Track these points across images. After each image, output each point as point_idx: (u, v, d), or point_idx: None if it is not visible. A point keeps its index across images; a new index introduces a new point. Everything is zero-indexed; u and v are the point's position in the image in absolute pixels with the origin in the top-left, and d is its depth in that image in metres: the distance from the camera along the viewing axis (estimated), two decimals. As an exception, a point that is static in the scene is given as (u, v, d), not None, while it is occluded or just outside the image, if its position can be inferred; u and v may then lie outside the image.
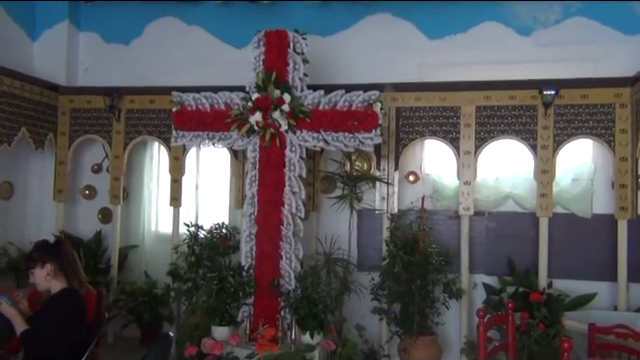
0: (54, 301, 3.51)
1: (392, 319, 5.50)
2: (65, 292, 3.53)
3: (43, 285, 3.56)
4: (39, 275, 3.55)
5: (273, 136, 4.61)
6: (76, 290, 3.59)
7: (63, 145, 6.38)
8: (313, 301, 4.46)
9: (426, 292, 5.39)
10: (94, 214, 6.75)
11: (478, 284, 5.75)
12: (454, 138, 5.64)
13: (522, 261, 5.69)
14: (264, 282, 4.66)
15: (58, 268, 3.60)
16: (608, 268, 5.47)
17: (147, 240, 6.71)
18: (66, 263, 3.68)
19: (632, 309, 5.30)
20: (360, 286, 5.71)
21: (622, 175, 5.30)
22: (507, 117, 5.53)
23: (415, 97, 5.71)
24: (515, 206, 5.88)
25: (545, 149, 5.42)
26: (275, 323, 4.57)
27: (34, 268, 3.57)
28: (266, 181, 4.71)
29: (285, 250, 4.69)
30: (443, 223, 5.96)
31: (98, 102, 6.23)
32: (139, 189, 6.73)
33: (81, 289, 3.70)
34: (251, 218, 4.78)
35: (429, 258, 5.33)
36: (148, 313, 6.07)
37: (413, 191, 6.00)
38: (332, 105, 4.60)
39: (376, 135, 4.55)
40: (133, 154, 6.49)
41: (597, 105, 5.34)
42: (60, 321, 3.42)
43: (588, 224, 5.67)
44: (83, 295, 3.68)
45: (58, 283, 3.55)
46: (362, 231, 6.08)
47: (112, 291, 6.26)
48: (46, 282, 3.54)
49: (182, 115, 4.87)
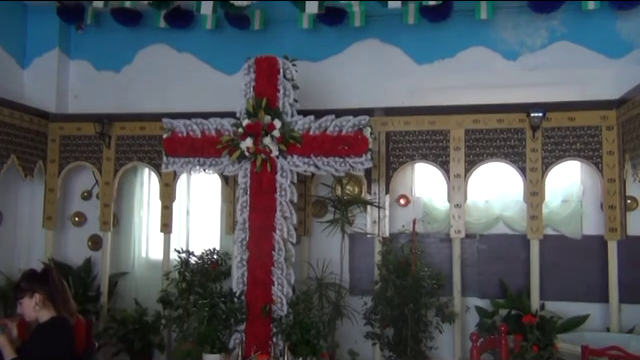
0: (43, 330, 3.47)
1: (385, 344, 5.47)
2: (54, 321, 3.49)
3: (32, 315, 3.52)
4: (28, 305, 3.51)
5: (264, 162, 4.63)
6: (65, 318, 3.54)
7: (53, 172, 6.35)
8: (305, 327, 4.44)
9: (419, 316, 5.37)
10: (84, 241, 6.69)
11: (471, 307, 5.73)
12: (444, 161, 5.68)
13: (514, 283, 5.69)
14: (256, 308, 4.63)
15: (47, 297, 3.57)
16: (600, 289, 5.47)
17: (137, 267, 6.65)
18: (55, 292, 3.64)
19: (624, 330, 5.30)
20: (353, 310, 5.68)
21: (610, 196, 5.36)
22: (496, 140, 5.58)
23: (405, 121, 5.77)
24: (506, 228, 5.90)
25: (534, 171, 5.47)
26: (267, 350, 4.53)
27: (22, 298, 3.53)
28: (257, 207, 4.71)
29: (277, 276, 4.67)
30: (434, 246, 5.96)
31: (88, 129, 6.22)
32: (129, 215, 6.69)
33: (71, 318, 3.66)
34: (242, 244, 4.77)
35: (421, 281, 5.33)
36: (139, 341, 5.96)
37: (404, 214, 6.01)
38: (322, 130, 4.63)
39: (367, 159, 4.58)
40: (123, 180, 6.47)
41: (584, 127, 5.41)
42: (49, 350, 3.37)
43: (578, 245, 5.69)
44: (73, 324, 3.64)
45: (47, 312, 3.51)
46: (354, 255, 6.07)
47: (102, 319, 6.18)
48: (35, 312, 3.51)
49: (173, 141, 4.88)
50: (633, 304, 5.41)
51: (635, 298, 5.41)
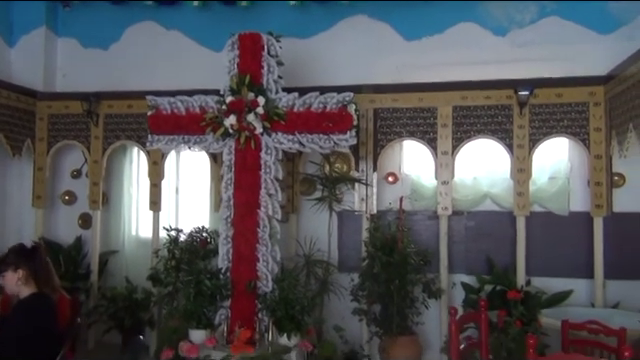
0: (23, 306, 3.50)
1: (372, 320, 5.52)
2: (34, 297, 3.51)
3: (13, 289, 3.54)
4: (10, 279, 3.53)
5: (248, 139, 4.61)
6: (46, 295, 3.57)
7: (41, 151, 6.35)
8: (290, 303, 4.47)
9: (405, 292, 5.40)
10: (74, 220, 6.72)
11: (457, 283, 5.77)
12: (431, 138, 5.67)
13: (501, 260, 5.72)
14: (241, 285, 4.66)
15: (30, 274, 3.59)
16: (585, 265, 5.51)
17: (127, 245, 6.69)
18: (39, 270, 3.66)
19: (609, 305, 5.34)
20: (340, 287, 5.72)
21: (597, 173, 5.36)
22: (483, 117, 5.57)
23: (393, 98, 5.75)
24: (493, 205, 5.91)
25: (521, 148, 5.47)
26: (252, 325, 4.56)
27: (6, 271, 3.55)
28: (242, 184, 4.71)
29: (262, 252, 4.69)
30: (422, 223, 5.98)
31: (76, 107, 6.21)
32: (119, 194, 6.71)
33: (54, 294, 3.68)
34: (227, 221, 4.78)
35: (408, 258, 5.36)
36: (129, 318, 6.02)
37: (392, 192, 6.02)
38: (307, 107, 4.61)
39: (351, 136, 4.57)
40: (112, 159, 6.48)
41: (571, 104, 5.40)
42: (28, 326, 3.40)
43: (565, 222, 5.71)
44: (55, 300, 3.67)
45: (28, 289, 3.54)
46: (342, 232, 6.10)
47: (92, 297, 6.23)
48: (16, 287, 3.53)
49: (157, 119, 4.87)
50: (618, 280, 5.45)
51: (620, 274, 5.44)
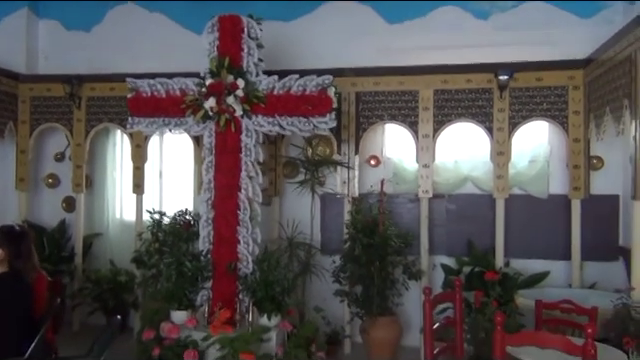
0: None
1: (353, 301, 5.60)
2: (5, 275, 3.53)
3: None
4: None
5: (228, 121, 4.62)
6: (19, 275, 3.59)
7: (24, 134, 6.33)
8: (270, 284, 4.52)
9: (386, 274, 5.48)
10: (58, 203, 6.73)
11: (437, 265, 5.85)
12: (413, 122, 5.71)
13: (481, 242, 5.80)
14: (222, 266, 4.69)
15: (9, 257, 3.61)
16: (563, 247, 5.60)
17: (111, 228, 6.72)
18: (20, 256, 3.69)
19: (586, 286, 5.44)
20: (322, 269, 5.80)
21: (575, 156, 5.43)
22: (464, 100, 5.61)
23: (374, 82, 5.77)
24: (474, 188, 5.98)
25: (501, 131, 5.52)
26: (233, 306, 4.61)
27: None
28: (222, 166, 4.73)
29: (242, 234, 4.72)
30: (403, 206, 6.04)
31: (58, 90, 6.19)
32: (102, 177, 6.72)
33: (32, 273, 3.71)
34: (208, 203, 4.80)
35: (389, 240, 5.43)
36: (113, 300, 6.08)
37: (375, 175, 6.07)
38: (286, 90, 4.61)
39: (330, 119, 4.58)
40: (95, 142, 6.48)
41: (551, 87, 5.44)
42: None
43: (544, 204, 5.79)
44: (33, 280, 3.71)
45: (1, 268, 3.56)
46: (325, 215, 6.15)
47: (77, 279, 6.27)
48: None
49: (137, 101, 4.86)
50: (595, 261, 5.56)
51: (597, 255, 5.54)
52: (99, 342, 3.27)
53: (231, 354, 4.07)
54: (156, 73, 5.29)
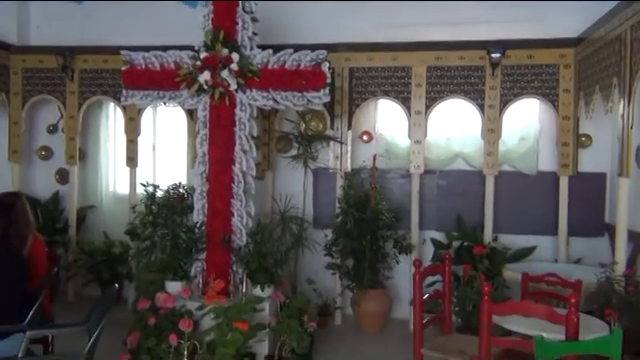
0: None
1: (344, 274, 5.71)
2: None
3: None
4: None
5: (222, 95, 4.65)
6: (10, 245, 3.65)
7: (16, 105, 6.32)
8: (263, 256, 4.61)
9: (377, 247, 5.58)
10: (51, 175, 6.74)
11: (427, 240, 5.96)
12: (405, 98, 5.76)
13: (471, 217, 5.90)
14: (216, 238, 4.77)
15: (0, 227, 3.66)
16: (551, 223, 5.72)
17: (105, 200, 6.75)
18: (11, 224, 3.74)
19: (571, 261, 5.58)
20: (314, 243, 5.89)
21: (565, 133, 5.51)
22: (457, 77, 5.66)
23: (368, 57, 5.80)
24: (464, 165, 6.07)
25: (492, 108, 5.59)
26: (227, 277, 4.70)
27: None
28: (216, 140, 4.77)
29: (236, 207, 4.79)
30: (395, 181, 6.13)
31: (51, 62, 6.17)
32: (95, 150, 6.73)
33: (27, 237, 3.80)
34: (203, 176, 4.86)
35: (380, 215, 5.52)
36: (107, 271, 6.15)
37: (367, 150, 6.13)
38: (281, 64, 4.64)
39: (324, 94, 4.62)
40: (88, 114, 6.48)
41: (542, 65, 5.51)
42: None
43: (533, 181, 5.89)
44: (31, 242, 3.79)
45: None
46: (317, 190, 6.22)
47: (71, 251, 6.33)
48: None
49: (132, 74, 4.87)
50: (581, 237, 5.69)
51: (583, 231, 5.67)
52: (97, 310, 3.33)
53: (225, 323, 4.17)
54: (150, 46, 5.28)
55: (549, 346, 2.52)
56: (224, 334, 4.15)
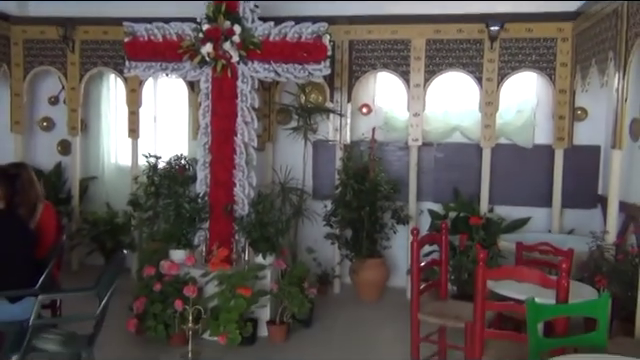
0: None
1: (343, 243, 5.85)
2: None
3: None
4: None
5: (224, 67, 4.72)
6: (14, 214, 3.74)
7: (18, 76, 6.35)
8: (265, 225, 4.73)
9: (375, 218, 5.71)
10: (53, 146, 6.81)
11: (424, 211, 6.08)
12: (404, 71, 5.82)
13: (467, 189, 6.01)
14: (219, 208, 4.88)
15: (2, 196, 3.74)
16: (545, 195, 5.84)
17: (107, 171, 6.83)
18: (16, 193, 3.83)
19: (565, 232, 5.72)
20: (314, 213, 6.01)
21: (561, 107, 5.60)
22: (455, 50, 5.72)
23: (368, 30, 5.84)
24: (462, 137, 6.15)
25: (490, 81, 5.66)
26: (230, 246, 4.82)
27: None
28: (219, 111, 4.85)
29: (238, 178, 4.89)
30: (394, 154, 6.22)
31: (51, 33, 6.19)
32: (97, 121, 6.79)
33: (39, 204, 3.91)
34: (205, 147, 4.95)
35: (378, 186, 5.64)
36: (110, 241, 6.27)
37: (366, 123, 6.22)
38: (282, 37, 4.70)
39: (325, 66, 4.69)
40: (90, 86, 6.52)
41: (540, 39, 5.56)
42: None
43: (529, 154, 5.99)
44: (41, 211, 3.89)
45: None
46: (317, 161, 6.31)
47: (74, 221, 6.43)
48: None
49: (134, 45, 4.92)
50: (574, 209, 5.82)
51: (576, 203, 5.80)
52: (106, 275, 3.43)
53: (229, 289, 4.31)
54: (152, 18, 5.31)
55: (540, 308, 2.65)
56: (228, 300, 4.29)
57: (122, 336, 4.40)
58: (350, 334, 4.89)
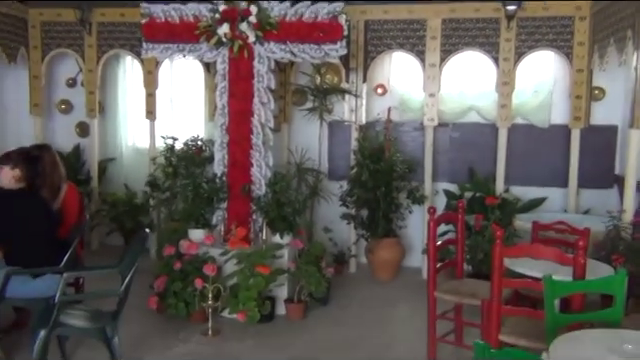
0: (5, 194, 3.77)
1: (359, 223, 5.89)
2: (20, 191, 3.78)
3: (5, 184, 3.78)
4: (6, 174, 3.76)
5: (241, 48, 4.74)
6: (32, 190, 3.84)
7: (36, 59, 6.42)
8: (281, 205, 4.78)
9: (391, 198, 5.74)
10: (71, 128, 6.90)
11: (440, 191, 6.10)
12: (420, 51, 5.80)
13: (483, 169, 6.02)
14: (236, 188, 4.94)
15: (25, 177, 3.82)
16: (562, 175, 5.82)
17: (125, 153, 6.91)
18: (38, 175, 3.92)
19: (580, 212, 5.71)
20: (330, 194, 6.06)
21: (578, 86, 5.56)
22: (471, 30, 5.68)
23: (383, 10, 5.82)
24: (478, 117, 6.14)
25: (507, 61, 5.62)
26: (247, 226, 4.89)
27: (6, 165, 3.78)
28: (236, 92, 4.89)
29: (255, 158, 4.94)
30: (409, 134, 6.23)
31: (69, 15, 6.23)
32: (114, 103, 6.85)
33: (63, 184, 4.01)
34: (222, 128, 4.99)
35: (394, 166, 5.66)
36: (129, 221, 6.37)
37: (381, 103, 6.22)
38: (298, 17, 4.70)
39: (341, 46, 4.70)
40: (107, 68, 6.57)
41: (558, 17, 5.50)
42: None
43: (545, 134, 5.97)
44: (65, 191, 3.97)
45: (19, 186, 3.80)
46: (332, 142, 6.35)
47: (93, 202, 6.54)
48: (8, 183, 3.77)
49: (151, 27, 4.95)
50: (590, 189, 5.80)
51: (592, 183, 5.79)
52: (129, 253, 3.51)
53: (248, 268, 4.38)
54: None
55: (557, 285, 2.68)
56: (247, 278, 4.37)
57: (144, 313, 4.50)
58: (367, 312, 4.96)
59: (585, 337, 2.45)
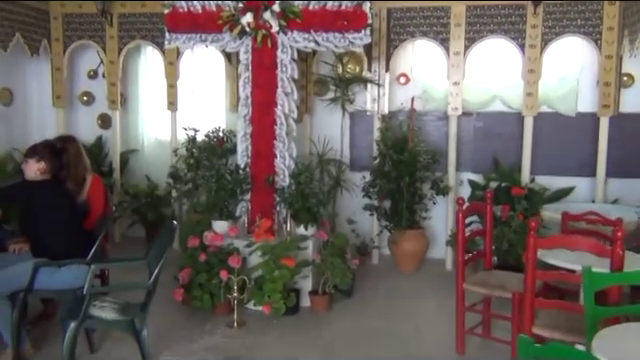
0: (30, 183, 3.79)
1: (382, 215, 5.83)
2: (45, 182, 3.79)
3: (31, 176, 3.79)
4: (31, 167, 3.78)
5: (265, 37, 4.69)
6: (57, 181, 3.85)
7: (58, 51, 6.43)
8: (306, 196, 4.74)
9: (414, 189, 5.67)
10: (93, 120, 6.92)
11: (464, 181, 6.02)
12: (444, 39, 5.70)
13: (507, 159, 5.92)
14: (260, 179, 4.91)
15: (50, 169, 3.82)
16: (589, 164, 5.70)
17: (147, 145, 6.92)
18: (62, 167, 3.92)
19: (608, 202, 5.60)
20: (352, 185, 6.01)
21: (607, 73, 5.43)
22: (497, 16, 5.57)
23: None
24: (502, 106, 6.04)
25: (533, 48, 5.50)
26: (271, 217, 4.86)
27: (31, 158, 3.79)
28: (259, 82, 4.84)
29: (279, 149, 4.90)
30: (432, 124, 6.15)
31: (90, 7, 6.22)
32: (136, 94, 6.85)
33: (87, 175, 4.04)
34: (246, 119, 4.95)
35: (417, 157, 5.58)
36: (152, 213, 6.39)
37: (404, 92, 6.15)
38: (322, 5, 4.63)
39: (365, 35, 4.63)
40: (128, 59, 6.57)
41: (586, 2, 5.37)
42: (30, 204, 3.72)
43: (572, 122, 5.85)
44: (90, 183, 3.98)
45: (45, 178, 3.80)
46: (354, 132, 6.29)
47: (116, 193, 6.55)
48: (34, 175, 3.78)
49: (174, 17, 4.91)
50: (619, 178, 5.68)
51: (621, 172, 5.67)
52: (156, 245, 3.50)
53: (273, 260, 4.36)
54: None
55: (596, 277, 2.61)
56: (272, 270, 4.34)
57: (169, 305, 4.50)
58: (392, 304, 4.91)
59: (628, 331, 2.38)
